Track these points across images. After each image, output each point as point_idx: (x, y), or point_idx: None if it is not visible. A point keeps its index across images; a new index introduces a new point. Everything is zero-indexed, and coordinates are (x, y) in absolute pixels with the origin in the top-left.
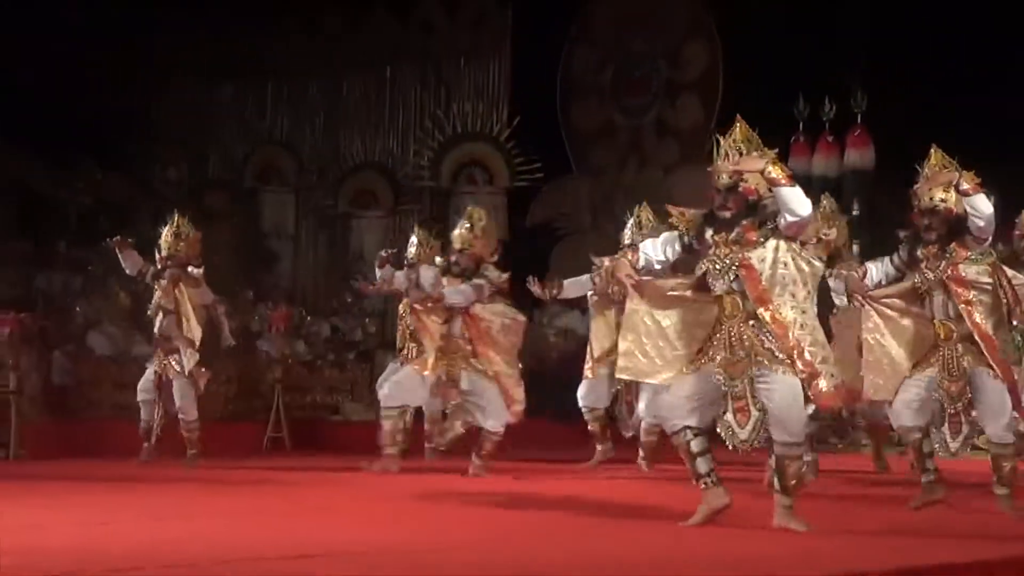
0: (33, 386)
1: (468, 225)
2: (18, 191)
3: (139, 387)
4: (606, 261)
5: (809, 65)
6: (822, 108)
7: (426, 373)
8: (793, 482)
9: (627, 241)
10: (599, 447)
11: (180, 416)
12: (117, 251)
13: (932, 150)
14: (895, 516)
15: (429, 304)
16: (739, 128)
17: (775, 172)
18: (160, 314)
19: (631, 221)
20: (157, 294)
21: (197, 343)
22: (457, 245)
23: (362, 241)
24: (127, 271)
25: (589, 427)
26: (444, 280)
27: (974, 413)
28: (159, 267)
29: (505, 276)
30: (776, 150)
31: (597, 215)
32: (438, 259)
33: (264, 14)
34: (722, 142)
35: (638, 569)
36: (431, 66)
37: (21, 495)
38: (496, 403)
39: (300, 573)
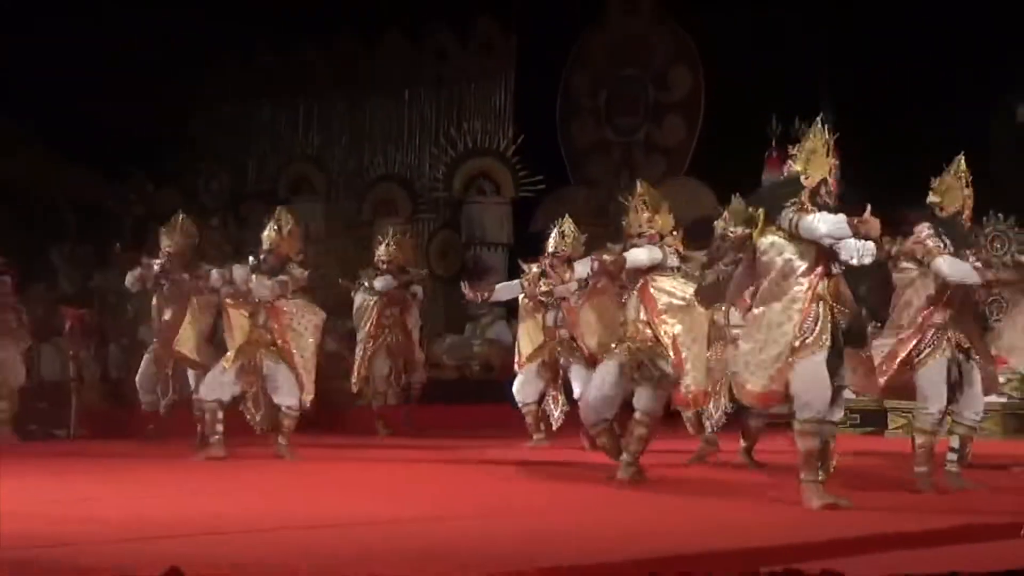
0: (92, 375)
1: (276, 227)
2: (81, 202)
3: (142, 379)
4: (534, 268)
5: (780, 88)
6: (792, 126)
7: (227, 366)
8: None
9: (551, 250)
10: (534, 436)
11: (196, 399)
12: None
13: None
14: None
15: (240, 299)
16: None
17: None
18: (166, 306)
19: (555, 232)
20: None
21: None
22: (265, 245)
23: None
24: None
25: (526, 419)
26: (253, 277)
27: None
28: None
29: (307, 273)
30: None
31: (592, 222)
32: (251, 258)
33: (296, 44)
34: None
35: (635, 536)
36: (444, 89)
37: (80, 471)
38: (289, 382)
39: (325, 541)
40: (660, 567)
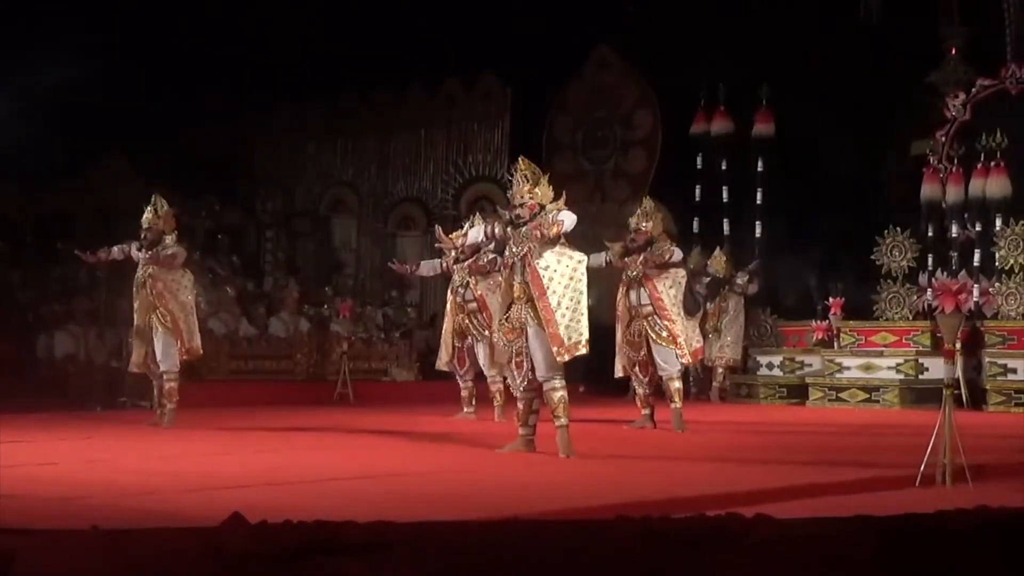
0: None
1: (153, 210)
2: None
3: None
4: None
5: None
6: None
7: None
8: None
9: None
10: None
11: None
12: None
13: None
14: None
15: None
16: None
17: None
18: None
19: (466, 226)
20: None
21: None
22: (145, 225)
23: (405, 253)
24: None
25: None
26: (134, 250)
27: None
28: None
29: (176, 245)
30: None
31: (571, 235)
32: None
33: (338, 95)
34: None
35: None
36: (453, 129)
37: (160, 435)
38: (166, 348)
39: (366, 489)
40: (626, 510)
